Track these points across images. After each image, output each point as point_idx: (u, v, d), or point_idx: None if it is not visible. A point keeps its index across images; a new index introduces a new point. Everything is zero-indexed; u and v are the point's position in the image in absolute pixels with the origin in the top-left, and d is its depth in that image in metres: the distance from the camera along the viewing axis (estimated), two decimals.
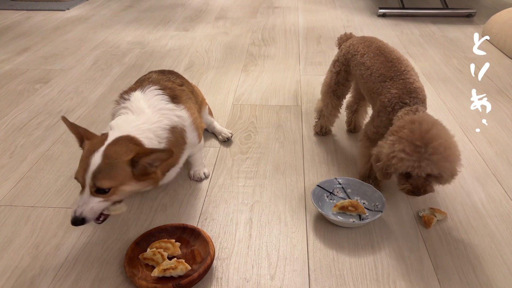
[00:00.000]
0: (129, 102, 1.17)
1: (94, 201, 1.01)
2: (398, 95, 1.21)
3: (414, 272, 1.07)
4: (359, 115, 1.65)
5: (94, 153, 0.99)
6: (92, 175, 0.98)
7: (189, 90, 1.36)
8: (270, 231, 1.21)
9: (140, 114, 1.13)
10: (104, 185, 0.99)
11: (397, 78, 1.24)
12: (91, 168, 0.98)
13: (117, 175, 1.00)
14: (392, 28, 2.96)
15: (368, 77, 1.31)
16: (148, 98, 1.17)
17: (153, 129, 1.10)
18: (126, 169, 1.00)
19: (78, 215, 1.00)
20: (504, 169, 1.47)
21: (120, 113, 1.17)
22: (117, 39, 2.78)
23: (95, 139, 1.05)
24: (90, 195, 1.00)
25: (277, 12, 3.39)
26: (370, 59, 1.33)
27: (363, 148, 1.35)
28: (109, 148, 1.01)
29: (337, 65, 1.49)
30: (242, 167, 1.48)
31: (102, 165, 0.98)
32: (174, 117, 1.16)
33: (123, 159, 1.00)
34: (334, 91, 1.52)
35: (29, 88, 2.08)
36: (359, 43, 1.42)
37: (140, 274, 1.02)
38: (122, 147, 1.01)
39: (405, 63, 1.28)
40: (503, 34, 2.54)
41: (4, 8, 3.46)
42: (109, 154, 1.00)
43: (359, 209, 1.23)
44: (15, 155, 1.55)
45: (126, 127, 1.08)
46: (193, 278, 0.99)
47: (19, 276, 1.07)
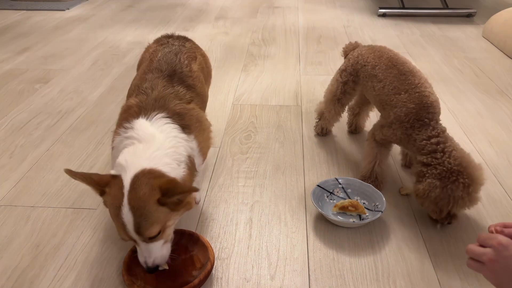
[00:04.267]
0: (133, 131, 1.02)
1: (157, 247, 0.95)
2: (415, 110, 1.19)
3: (414, 272, 1.07)
4: (361, 117, 1.65)
5: (121, 211, 0.89)
6: (135, 232, 0.90)
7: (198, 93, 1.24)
8: (270, 231, 1.21)
9: (151, 141, 0.99)
10: (152, 234, 0.91)
11: (413, 91, 1.22)
12: (129, 227, 0.90)
13: (156, 219, 0.91)
14: (392, 28, 2.96)
15: (380, 89, 1.29)
16: (157, 126, 1.03)
17: (169, 154, 0.99)
18: (160, 209, 0.92)
19: (151, 266, 0.95)
20: (504, 169, 1.47)
21: (124, 145, 1.01)
22: (117, 39, 2.78)
23: (112, 190, 0.92)
24: (147, 244, 0.93)
25: (277, 12, 3.39)
26: (382, 71, 1.30)
27: (369, 148, 1.35)
28: (131, 197, 0.89)
29: (344, 75, 1.46)
30: (242, 167, 1.48)
31: (136, 219, 0.89)
32: (188, 148, 1.06)
33: (151, 202, 0.90)
34: (339, 99, 1.50)
35: (29, 88, 2.08)
36: (369, 53, 1.39)
37: (139, 282, 1.00)
38: (144, 189, 0.90)
39: (418, 75, 1.26)
40: (503, 34, 2.54)
41: (4, 8, 3.46)
42: (136, 205, 0.89)
43: (359, 209, 1.23)
44: (15, 155, 1.55)
45: (137, 162, 0.94)
46: (194, 284, 0.97)
47: (19, 276, 1.07)
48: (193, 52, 1.36)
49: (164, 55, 1.27)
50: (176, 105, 1.11)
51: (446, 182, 1.12)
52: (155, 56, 1.28)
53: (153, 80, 1.17)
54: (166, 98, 1.11)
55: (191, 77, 1.24)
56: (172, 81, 1.18)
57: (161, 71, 1.20)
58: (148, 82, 1.16)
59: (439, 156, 1.14)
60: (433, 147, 1.16)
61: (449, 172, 1.12)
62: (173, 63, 1.23)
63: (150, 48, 1.41)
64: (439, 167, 1.14)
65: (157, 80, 1.17)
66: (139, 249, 0.95)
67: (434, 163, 1.15)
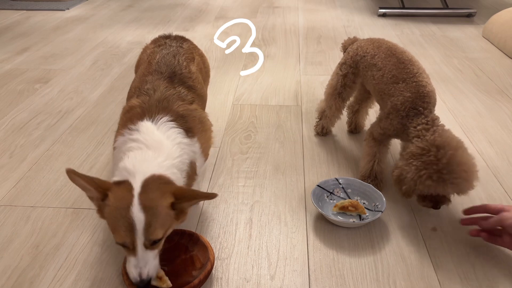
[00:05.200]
0: (139, 134, 1.02)
1: (153, 256, 0.92)
2: (411, 99, 1.21)
3: (414, 272, 1.07)
4: (360, 116, 1.65)
5: (130, 210, 0.87)
6: (143, 232, 0.87)
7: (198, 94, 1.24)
8: (270, 231, 1.21)
9: (159, 149, 0.99)
10: (159, 235, 0.89)
11: (410, 80, 1.23)
12: (139, 227, 0.87)
13: (165, 221, 0.90)
14: (393, 28, 2.96)
15: (379, 78, 1.30)
16: (163, 131, 1.03)
17: (176, 164, 1.00)
18: (170, 213, 0.91)
19: (145, 278, 0.90)
20: (504, 169, 1.47)
21: (130, 148, 1.01)
22: (117, 39, 2.78)
23: (118, 192, 0.91)
24: (146, 250, 0.90)
25: (277, 12, 3.39)
26: (381, 60, 1.32)
27: (367, 147, 1.35)
28: (143, 197, 0.89)
29: (344, 68, 1.47)
30: (242, 167, 1.48)
31: (148, 218, 0.87)
32: (191, 153, 1.07)
33: (163, 205, 0.90)
34: (340, 93, 1.51)
35: (29, 88, 2.08)
36: (368, 44, 1.41)
37: None
38: (156, 192, 0.90)
39: (417, 64, 1.28)
40: (503, 34, 2.54)
41: (4, 8, 3.46)
42: (148, 205, 0.88)
43: (359, 209, 1.23)
44: (15, 155, 1.55)
45: (147, 168, 0.94)
46: (194, 284, 0.97)
47: (19, 276, 1.07)
48: (191, 53, 1.36)
49: (162, 57, 1.27)
50: (179, 106, 1.11)
51: (411, 161, 1.12)
52: (153, 58, 1.28)
53: (154, 81, 1.17)
54: (169, 99, 1.11)
55: (190, 78, 1.24)
56: (173, 83, 1.18)
57: (161, 73, 1.20)
58: (149, 83, 1.16)
59: (415, 140, 1.15)
60: (416, 133, 1.17)
61: (411, 154, 1.12)
62: (172, 65, 1.24)
63: (147, 49, 1.41)
64: (408, 150, 1.15)
65: (158, 81, 1.17)
66: (133, 260, 0.90)
67: (411, 148, 1.15)
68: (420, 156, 1.12)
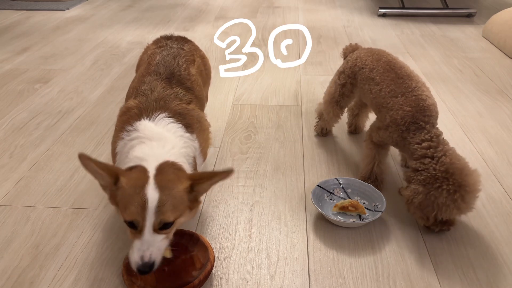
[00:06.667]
0: (138, 132, 1.01)
1: (159, 240, 0.88)
2: (411, 113, 1.19)
3: (414, 272, 1.07)
4: (360, 118, 1.65)
5: (144, 188, 0.86)
6: (155, 210, 0.85)
7: (197, 96, 1.24)
8: (270, 231, 1.21)
9: (163, 140, 0.98)
10: (170, 218, 0.87)
11: (409, 94, 1.21)
12: (151, 204, 0.85)
13: (180, 205, 0.89)
14: (392, 28, 2.96)
15: (377, 92, 1.29)
16: (162, 125, 1.03)
17: (183, 153, 1.00)
18: (184, 198, 0.90)
19: (148, 260, 0.86)
20: (504, 169, 1.47)
21: (131, 146, 1.00)
22: (117, 39, 2.78)
23: (132, 174, 0.90)
24: (154, 233, 0.87)
25: (277, 12, 3.39)
26: (379, 74, 1.30)
27: (367, 149, 1.35)
28: (159, 178, 0.88)
29: (342, 77, 1.46)
30: (242, 167, 1.48)
31: (163, 197, 0.86)
32: (193, 148, 1.06)
33: (180, 188, 0.89)
34: (338, 101, 1.50)
35: (29, 88, 2.08)
36: (367, 56, 1.39)
37: (138, 282, 1.00)
38: (172, 175, 0.90)
39: (415, 79, 1.26)
40: (503, 34, 2.54)
41: (4, 8, 3.46)
42: (165, 185, 0.87)
43: (359, 209, 1.23)
44: (15, 155, 1.55)
45: (158, 154, 0.94)
46: (194, 284, 0.98)
47: (19, 276, 1.07)
48: (192, 55, 1.35)
49: (162, 58, 1.27)
50: (177, 105, 1.11)
51: (429, 188, 1.11)
52: (153, 59, 1.28)
53: (151, 82, 1.17)
54: (167, 99, 1.11)
55: (189, 80, 1.24)
56: (171, 83, 1.18)
57: (159, 73, 1.20)
58: (147, 84, 1.16)
59: (427, 162, 1.13)
60: (423, 152, 1.15)
61: (433, 178, 1.11)
62: (171, 66, 1.24)
63: (148, 50, 1.40)
64: (424, 173, 1.13)
65: (156, 82, 1.17)
66: (137, 243, 0.87)
67: (421, 169, 1.14)
68: (434, 181, 1.11)
